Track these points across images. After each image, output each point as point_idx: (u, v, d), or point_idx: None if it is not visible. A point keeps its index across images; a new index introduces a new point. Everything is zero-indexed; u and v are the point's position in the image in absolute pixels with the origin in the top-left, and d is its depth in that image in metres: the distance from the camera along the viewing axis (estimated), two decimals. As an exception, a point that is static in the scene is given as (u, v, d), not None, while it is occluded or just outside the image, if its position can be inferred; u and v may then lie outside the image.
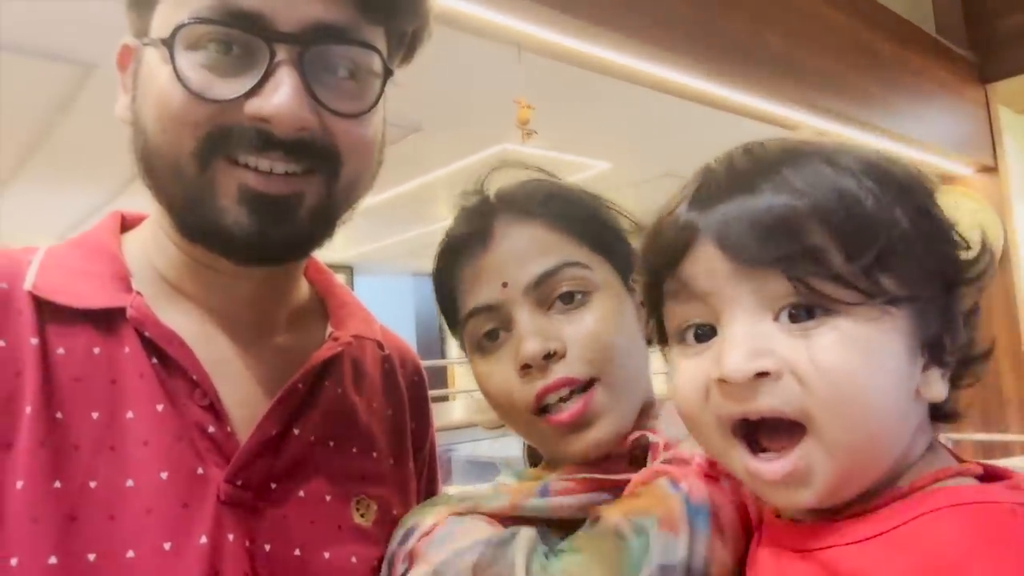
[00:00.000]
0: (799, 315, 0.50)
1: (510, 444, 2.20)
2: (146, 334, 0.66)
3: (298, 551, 0.68)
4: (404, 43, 0.73)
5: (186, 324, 0.70)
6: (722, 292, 0.52)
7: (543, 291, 0.73)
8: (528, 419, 0.73)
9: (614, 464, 0.72)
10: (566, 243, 0.75)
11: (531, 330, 0.71)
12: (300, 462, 0.71)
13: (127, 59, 0.70)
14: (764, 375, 0.50)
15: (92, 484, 0.61)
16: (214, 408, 0.67)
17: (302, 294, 0.82)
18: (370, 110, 0.68)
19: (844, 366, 0.48)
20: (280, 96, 0.62)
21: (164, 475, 0.63)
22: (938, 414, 0.55)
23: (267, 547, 0.66)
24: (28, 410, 0.61)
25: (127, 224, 0.78)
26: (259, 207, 0.64)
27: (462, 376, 6.13)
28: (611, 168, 4.11)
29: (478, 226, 0.77)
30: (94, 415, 0.63)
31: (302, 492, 0.70)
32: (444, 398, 5.75)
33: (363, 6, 0.65)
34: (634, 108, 3.16)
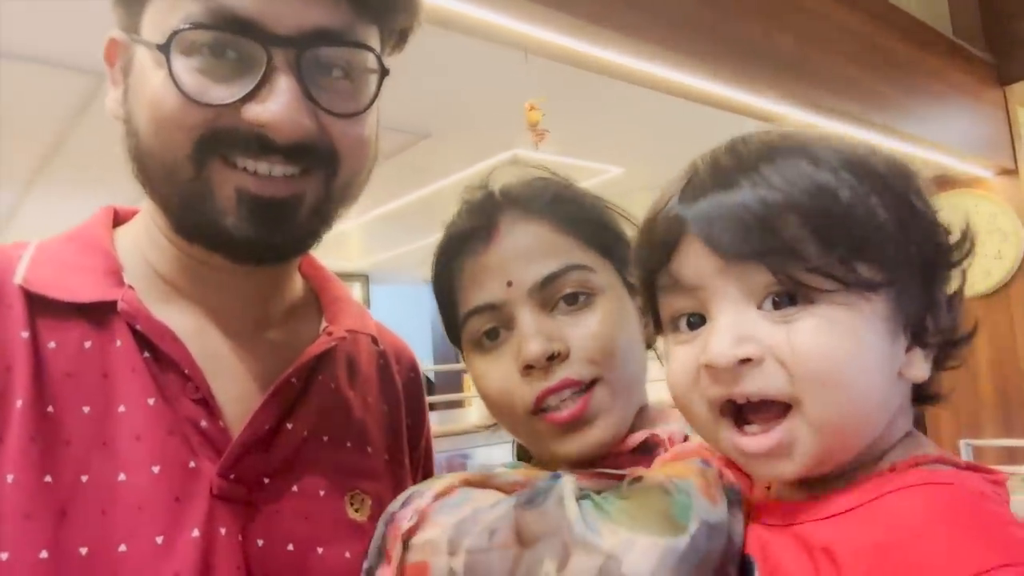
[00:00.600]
0: (782, 303, 0.53)
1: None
2: (138, 328, 0.66)
3: (291, 546, 0.68)
4: (395, 38, 0.73)
5: (179, 319, 0.70)
6: (709, 285, 0.55)
7: (548, 292, 0.72)
8: (525, 419, 0.72)
9: (610, 466, 0.71)
10: (572, 245, 0.74)
11: (535, 331, 0.70)
12: (293, 456, 0.71)
13: (115, 52, 0.70)
14: (747, 361, 0.53)
15: (84, 478, 0.61)
16: (207, 402, 0.67)
17: (296, 289, 0.82)
18: (366, 109, 0.68)
19: (822, 349, 0.51)
20: (278, 102, 0.62)
21: (156, 469, 0.63)
22: (922, 395, 0.58)
23: (260, 542, 0.66)
24: (19, 404, 0.61)
25: (120, 219, 0.78)
26: (259, 210, 0.64)
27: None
28: (623, 172, 4.10)
29: (482, 222, 0.76)
30: (85, 409, 0.63)
31: (296, 487, 0.70)
32: (460, 403, 5.75)
33: (358, 7, 0.65)
34: (646, 112, 3.15)
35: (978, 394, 3.40)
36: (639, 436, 0.73)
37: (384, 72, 0.69)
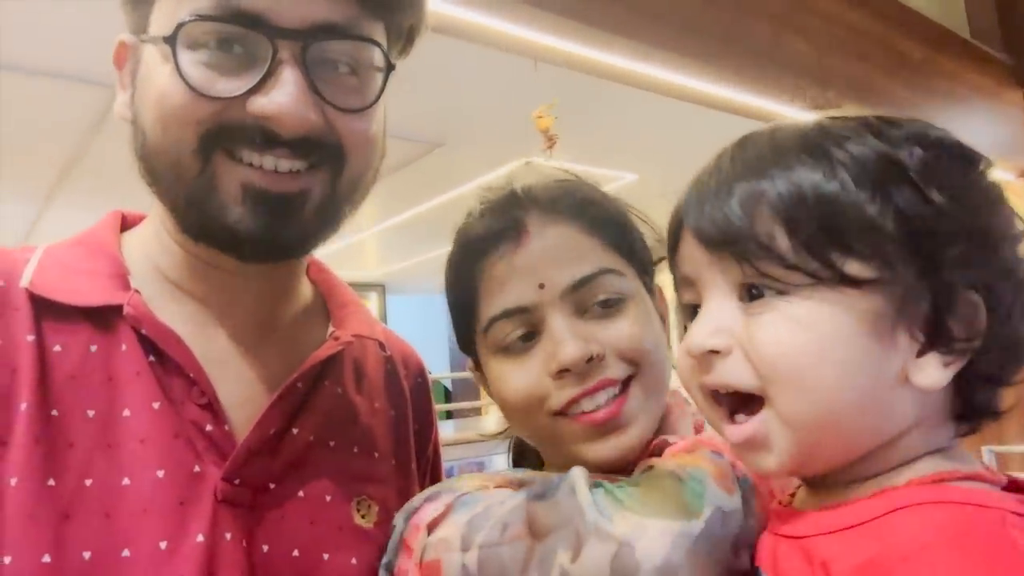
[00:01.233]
0: (757, 295, 0.53)
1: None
2: (143, 332, 0.66)
3: (297, 552, 0.67)
4: (403, 36, 0.73)
5: (186, 323, 0.70)
6: (701, 276, 0.56)
7: (580, 296, 0.71)
8: (548, 421, 0.71)
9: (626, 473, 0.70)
10: (601, 249, 0.74)
11: (571, 334, 0.70)
12: (299, 462, 0.70)
13: (124, 56, 0.70)
14: (716, 352, 0.53)
15: (87, 482, 0.61)
16: (212, 406, 0.66)
17: (304, 294, 0.81)
18: (372, 105, 0.68)
19: (780, 345, 0.50)
20: (284, 94, 0.62)
21: (161, 473, 0.63)
22: (973, 409, 0.53)
23: (265, 547, 0.66)
24: (23, 407, 0.61)
25: (127, 223, 0.78)
26: (264, 205, 0.64)
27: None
28: (638, 180, 4.09)
29: (508, 223, 0.74)
30: (90, 413, 0.63)
31: (301, 492, 0.70)
32: (477, 411, 5.75)
33: (364, 2, 0.65)
34: (660, 118, 3.14)
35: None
36: (655, 441, 0.72)
37: (390, 68, 0.68)
